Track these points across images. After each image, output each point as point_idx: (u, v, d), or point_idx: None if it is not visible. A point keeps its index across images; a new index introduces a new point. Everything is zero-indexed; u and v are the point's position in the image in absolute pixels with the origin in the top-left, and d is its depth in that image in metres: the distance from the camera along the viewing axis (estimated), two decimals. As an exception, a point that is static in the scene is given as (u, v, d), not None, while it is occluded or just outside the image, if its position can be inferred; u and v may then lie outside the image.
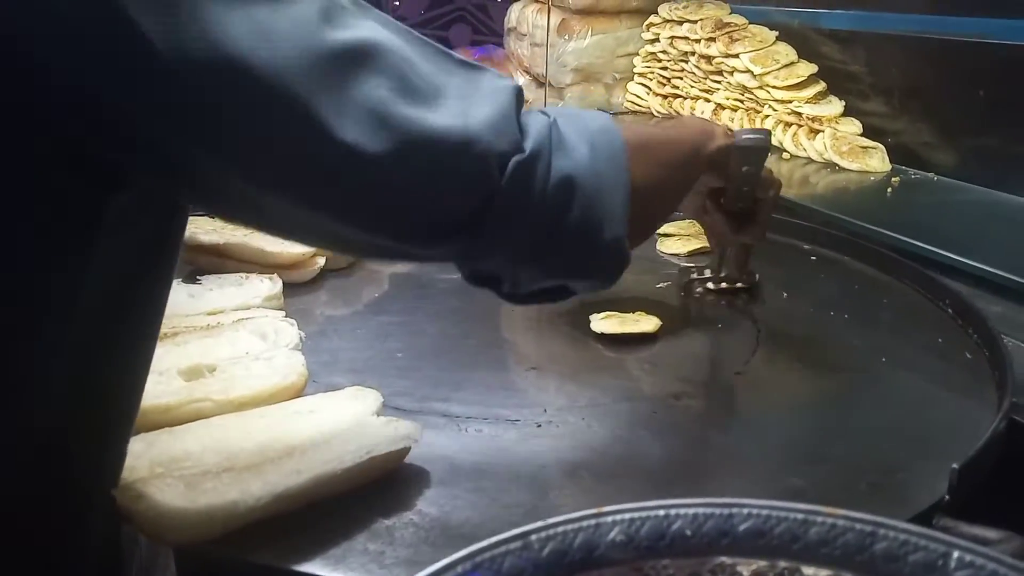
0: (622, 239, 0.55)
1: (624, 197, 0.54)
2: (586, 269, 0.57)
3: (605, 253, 0.55)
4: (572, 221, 0.52)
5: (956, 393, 0.75)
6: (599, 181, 0.53)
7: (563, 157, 0.52)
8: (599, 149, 0.54)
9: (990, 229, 1.03)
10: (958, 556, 0.33)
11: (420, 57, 0.49)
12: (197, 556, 0.56)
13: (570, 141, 0.53)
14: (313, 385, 0.70)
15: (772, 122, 1.35)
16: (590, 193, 0.52)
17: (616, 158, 0.55)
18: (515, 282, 0.56)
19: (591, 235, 0.53)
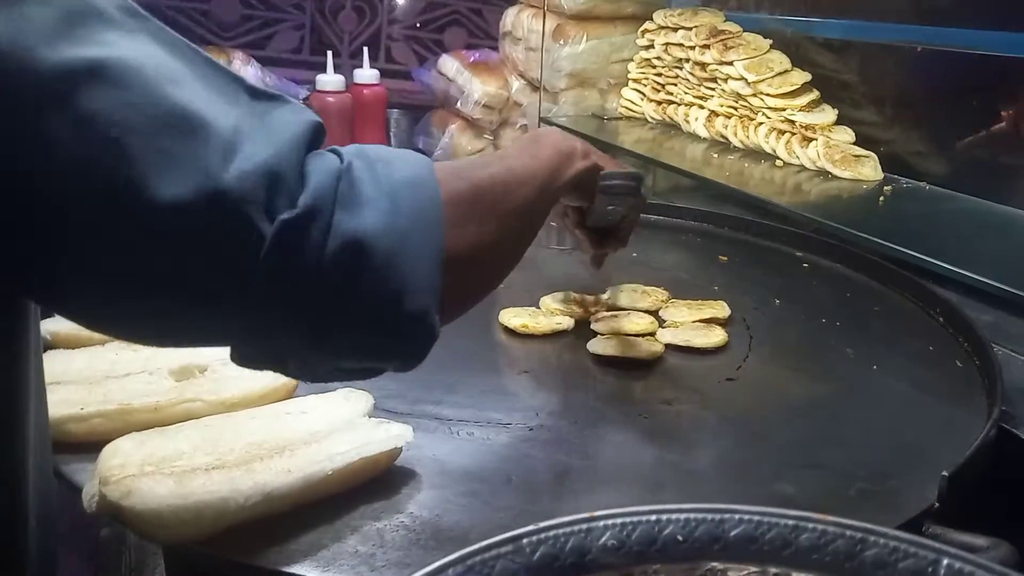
0: (428, 312, 0.46)
1: (433, 262, 0.45)
2: (382, 349, 0.48)
3: (405, 329, 0.46)
4: (362, 292, 0.43)
5: (946, 401, 0.75)
6: (399, 243, 0.44)
7: (351, 214, 0.42)
8: (403, 204, 0.45)
9: (981, 238, 1.03)
10: (947, 563, 0.33)
11: (199, 82, 0.41)
12: (186, 558, 0.56)
13: (365, 194, 0.43)
14: (304, 386, 0.70)
15: (766, 129, 1.36)
16: (385, 258, 0.43)
17: (426, 215, 0.46)
18: (304, 362, 0.47)
19: (386, 308, 0.44)
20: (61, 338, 0.74)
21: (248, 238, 0.40)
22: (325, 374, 0.49)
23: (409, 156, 0.49)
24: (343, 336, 0.45)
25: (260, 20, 2.02)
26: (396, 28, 2.08)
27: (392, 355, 0.49)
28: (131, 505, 0.51)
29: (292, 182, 0.41)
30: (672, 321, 0.88)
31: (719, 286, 1.00)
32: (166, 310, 0.42)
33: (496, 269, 0.56)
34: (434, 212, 0.46)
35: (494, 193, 0.53)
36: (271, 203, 0.40)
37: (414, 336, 0.47)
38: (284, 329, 0.43)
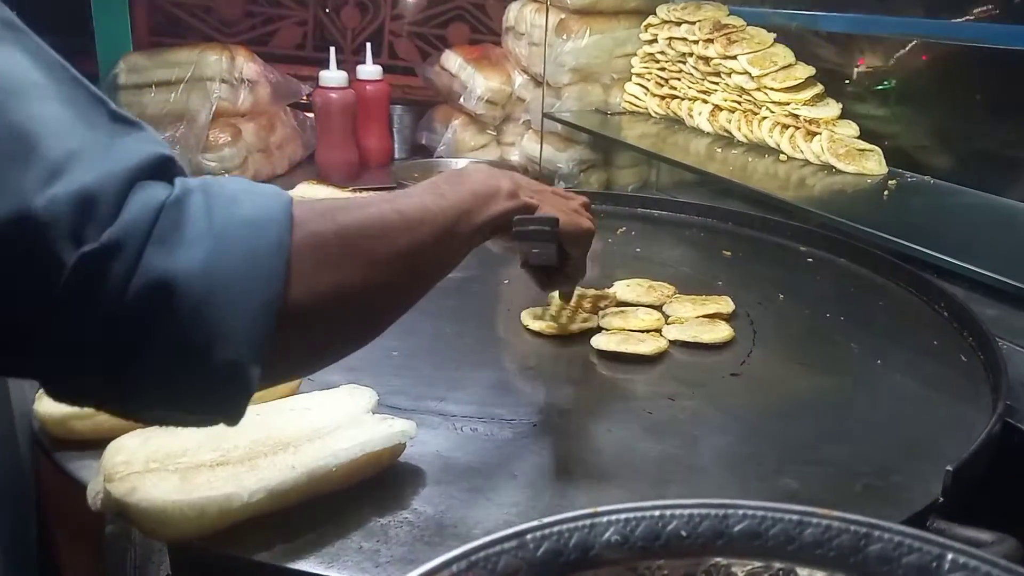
0: (241, 365, 0.41)
1: (259, 311, 0.41)
2: (188, 400, 0.43)
3: (213, 382, 0.42)
4: (164, 337, 0.40)
5: (951, 395, 0.75)
6: (216, 288, 0.40)
7: (166, 253, 0.39)
8: (232, 246, 0.41)
9: (986, 232, 1.03)
10: (952, 558, 0.33)
11: (57, 101, 0.40)
12: (191, 554, 0.56)
13: (189, 232, 0.40)
14: (308, 383, 0.70)
15: (769, 124, 1.35)
16: (196, 303, 0.39)
17: (260, 260, 0.42)
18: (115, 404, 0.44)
19: (191, 358, 0.40)
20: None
21: (49, 266, 0.37)
22: (147, 417, 0.46)
23: (265, 194, 0.45)
24: (143, 382, 0.41)
25: (263, 16, 2.02)
26: (399, 24, 2.07)
27: (200, 408, 0.44)
28: (136, 502, 0.51)
29: (106, 212, 0.38)
30: (676, 317, 0.88)
31: (723, 281, 1.00)
32: None
33: (368, 318, 0.51)
34: (273, 258, 0.42)
35: (368, 237, 0.49)
36: (79, 231, 0.37)
37: (223, 390, 0.42)
38: (82, 368, 0.40)
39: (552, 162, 1.67)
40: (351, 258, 0.48)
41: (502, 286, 1.03)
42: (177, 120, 1.53)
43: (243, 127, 1.58)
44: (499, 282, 1.04)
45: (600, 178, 1.71)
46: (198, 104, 1.54)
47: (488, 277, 1.06)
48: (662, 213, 1.29)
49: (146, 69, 1.57)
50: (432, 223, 0.54)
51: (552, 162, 1.67)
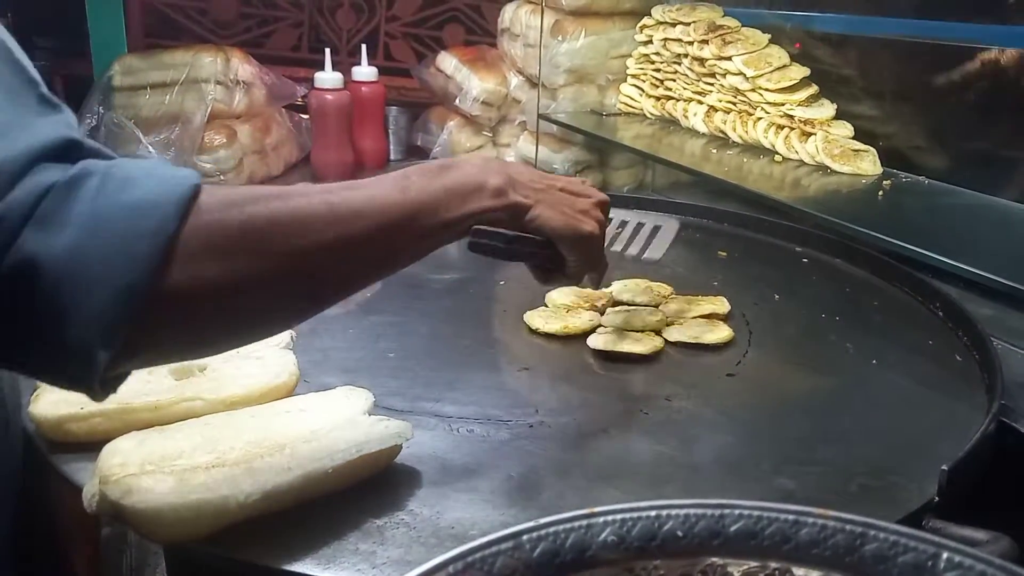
0: (89, 346, 0.42)
1: (115, 294, 0.42)
2: (43, 370, 0.46)
3: (59, 359, 0.43)
4: (25, 314, 0.42)
5: (946, 395, 0.75)
6: (75, 270, 0.41)
7: (43, 235, 0.41)
8: (104, 230, 0.42)
9: (981, 232, 1.03)
10: (947, 557, 0.33)
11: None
12: (187, 556, 0.56)
13: (68, 216, 0.41)
14: (304, 385, 0.70)
15: (764, 124, 1.36)
16: (54, 284, 0.41)
17: (130, 244, 0.42)
18: None
19: (46, 335, 0.42)
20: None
21: None
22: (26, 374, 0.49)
23: (166, 179, 0.45)
24: (12, 354, 0.44)
25: (258, 18, 2.01)
26: (394, 25, 2.07)
27: (61, 381, 0.46)
28: (131, 504, 0.51)
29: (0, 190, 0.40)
30: (674, 317, 0.88)
31: (719, 281, 1.00)
32: None
33: (272, 309, 0.50)
34: (144, 242, 0.43)
35: (279, 229, 0.48)
36: None
37: (70, 370, 0.44)
38: None
39: (548, 163, 1.67)
40: (252, 250, 0.47)
41: (499, 287, 1.03)
42: (172, 122, 1.53)
43: (238, 129, 1.58)
44: (496, 283, 1.04)
45: (596, 179, 1.71)
46: (193, 106, 1.54)
47: (485, 278, 1.06)
48: (658, 214, 1.29)
49: (141, 71, 1.56)
50: (376, 217, 0.53)
51: (548, 163, 1.67)
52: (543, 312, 0.89)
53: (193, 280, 0.44)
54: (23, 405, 0.65)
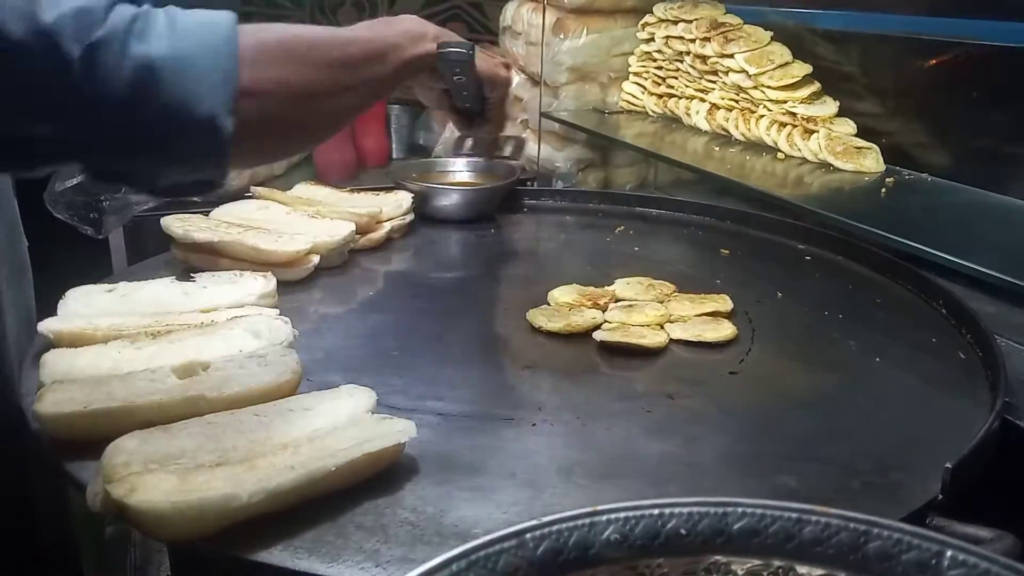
0: (215, 116, 0.56)
1: (221, 81, 0.56)
2: (180, 148, 0.57)
3: (196, 130, 0.56)
4: (157, 101, 0.54)
5: (949, 393, 0.75)
6: (184, 63, 0.54)
7: (141, 43, 0.53)
8: (189, 36, 0.55)
9: (984, 229, 1.03)
10: (951, 555, 0.33)
11: None
12: (191, 554, 0.56)
13: (156, 29, 0.54)
14: (307, 383, 0.70)
15: (767, 122, 1.35)
16: (172, 74, 0.54)
17: (214, 46, 0.56)
18: (142, 175, 0.59)
19: (178, 114, 0.55)
20: (64, 337, 0.74)
21: (62, 62, 0.51)
22: (165, 190, 0.61)
23: (216, 12, 0.58)
24: (149, 142, 0.56)
25: (260, 17, 2.01)
26: (396, 24, 2.08)
27: (194, 156, 0.58)
28: (135, 503, 0.51)
29: (97, 20, 0.52)
30: (677, 315, 0.88)
31: (721, 279, 1.00)
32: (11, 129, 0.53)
33: (312, 112, 0.65)
34: (224, 46, 0.56)
35: (305, 45, 0.64)
36: (80, 35, 0.51)
37: (207, 136, 0.56)
38: (99, 135, 0.54)
39: (550, 161, 1.67)
40: (292, 58, 0.63)
41: (501, 285, 1.03)
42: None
43: (241, 128, 1.58)
44: (498, 281, 1.04)
45: (598, 177, 1.71)
46: (195, 105, 1.54)
47: (487, 276, 1.06)
48: (660, 212, 1.29)
49: (143, 70, 1.56)
50: (362, 47, 0.70)
51: (550, 161, 1.67)
52: (546, 310, 0.89)
53: (257, 80, 0.58)
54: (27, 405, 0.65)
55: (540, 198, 1.34)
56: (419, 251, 1.14)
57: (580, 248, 1.16)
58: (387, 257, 1.10)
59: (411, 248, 1.14)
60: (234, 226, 1.00)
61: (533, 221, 1.27)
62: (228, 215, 1.06)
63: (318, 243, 0.99)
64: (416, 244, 1.15)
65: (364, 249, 1.09)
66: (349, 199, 1.17)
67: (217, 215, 1.05)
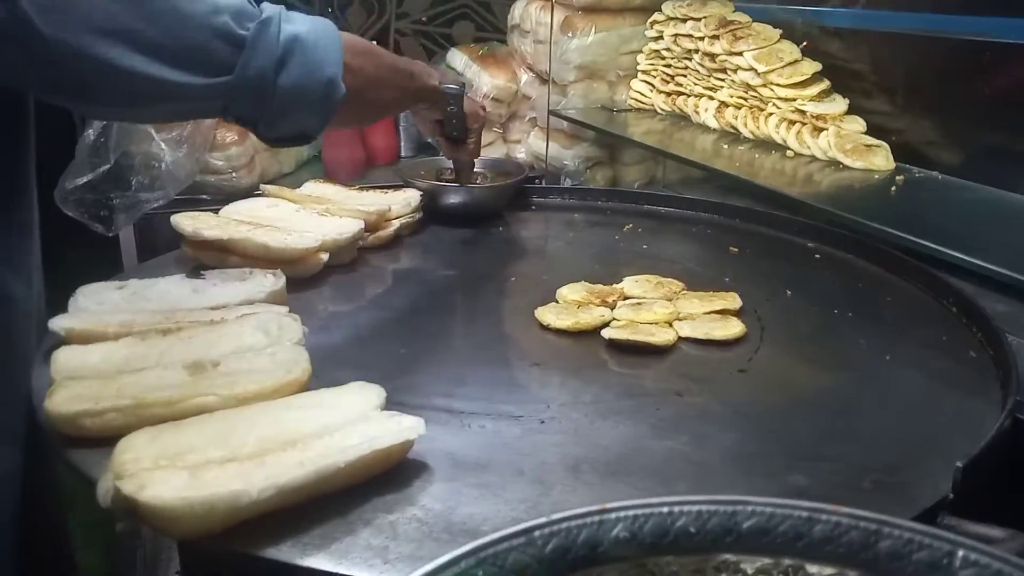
0: (336, 76, 0.79)
1: (337, 56, 0.79)
2: (313, 95, 0.78)
3: (324, 83, 0.79)
4: (299, 62, 0.76)
5: (960, 391, 0.75)
6: (317, 40, 0.78)
7: (290, 23, 0.76)
8: (317, 26, 0.79)
9: (994, 228, 1.02)
10: (963, 555, 0.33)
11: None
12: (200, 551, 0.56)
13: (296, 18, 0.78)
14: (316, 380, 0.70)
15: (776, 120, 1.35)
16: (311, 45, 0.77)
17: (331, 34, 0.80)
18: (268, 123, 0.78)
19: (314, 70, 0.78)
20: (76, 334, 0.74)
21: (234, 38, 0.73)
22: (277, 139, 0.82)
23: (322, 19, 0.82)
24: (292, 91, 0.76)
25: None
26: (404, 23, 2.08)
27: (316, 101, 0.79)
28: (145, 499, 0.51)
29: (254, 12, 0.75)
30: (687, 313, 0.88)
31: (730, 277, 1.00)
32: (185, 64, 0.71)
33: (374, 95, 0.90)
34: (334, 33, 0.81)
35: (379, 55, 0.92)
36: (242, 22, 0.73)
37: (328, 88, 0.79)
38: (258, 81, 0.74)
39: (558, 159, 1.67)
40: (369, 56, 0.89)
41: (509, 283, 1.03)
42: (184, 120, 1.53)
43: (249, 126, 1.58)
44: (506, 279, 1.04)
45: (606, 175, 1.71)
46: (205, 103, 1.54)
47: (495, 274, 1.06)
48: (669, 210, 1.28)
49: (153, 68, 1.57)
50: (401, 63, 0.97)
51: (558, 159, 1.67)
52: (554, 308, 0.89)
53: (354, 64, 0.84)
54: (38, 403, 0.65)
55: (548, 196, 1.34)
56: (428, 249, 1.14)
57: (588, 246, 1.16)
58: (396, 255, 1.10)
59: (420, 246, 1.14)
60: (244, 224, 1.00)
61: (541, 219, 1.27)
62: (238, 213, 1.06)
63: (327, 241, 0.99)
64: (425, 242, 1.15)
65: (373, 247, 1.09)
66: (358, 197, 1.17)
67: (227, 213, 1.06)
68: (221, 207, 1.07)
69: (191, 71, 0.71)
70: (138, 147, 1.40)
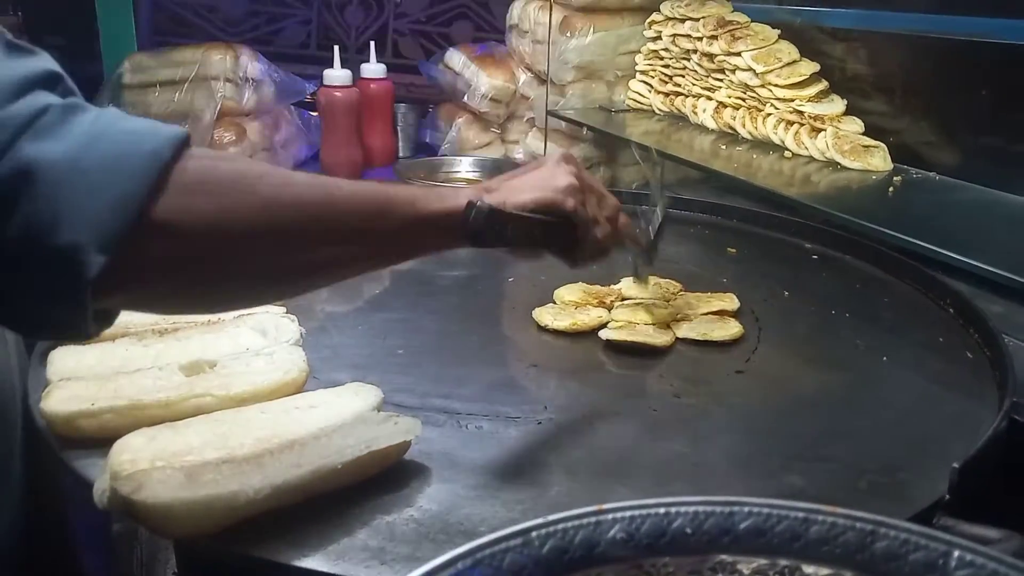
0: (79, 248, 0.43)
1: (113, 201, 0.44)
2: (27, 278, 0.45)
3: (51, 261, 0.44)
4: (19, 214, 0.43)
5: (957, 392, 0.75)
6: (73, 177, 0.43)
7: (36, 142, 0.43)
8: (104, 146, 0.45)
9: (991, 228, 1.02)
10: (958, 555, 0.33)
11: None
12: (197, 551, 0.56)
13: (69, 130, 0.44)
14: (313, 381, 0.70)
15: (774, 120, 1.35)
16: (51, 188, 0.43)
17: (129, 162, 0.45)
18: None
19: (39, 236, 0.43)
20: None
21: None
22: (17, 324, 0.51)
23: (170, 127, 0.48)
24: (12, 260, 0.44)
25: (267, 15, 2.02)
26: (403, 22, 2.08)
27: (31, 287, 0.45)
28: (142, 499, 0.51)
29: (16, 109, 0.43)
30: (683, 314, 0.88)
31: (728, 278, 1.00)
32: None
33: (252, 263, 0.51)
34: (143, 160, 0.45)
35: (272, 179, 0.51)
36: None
37: (64, 272, 0.44)
38: None
39: (556, 160, 1.67)
40: (241, 193, 0.49)
41: (507, 284, 1.03)
42: (182, 119, 1.53)
43: (247, 126, 1.59)
44: (504, 280, 1.04)
45: (604, 175, 1.71)
46: (203, 103, 1.54)
47: (493, 275, 1.06)
48: (667, 210, 1.28)
49: (150, 68, 1.57)
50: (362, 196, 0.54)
51: (556, 160, 1.67)
52: (552, 309, 0.89)
53: (183, 211, 0.46)
54: (34, 403, 0.65)
55: (546, 196, 1.33)
56: (425, 249, 1.14)
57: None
58: (393, 255, 1.10)
59: (417, 246, 1.14)
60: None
61: (539, 219, 1.27)
62: (235, 213, 1.06)
63: (324, 241, 0.99)
64: (422, 242, 1.15)
65: (370, 247, 1.08)
66: (355, 197, 1.17)
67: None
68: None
69: None
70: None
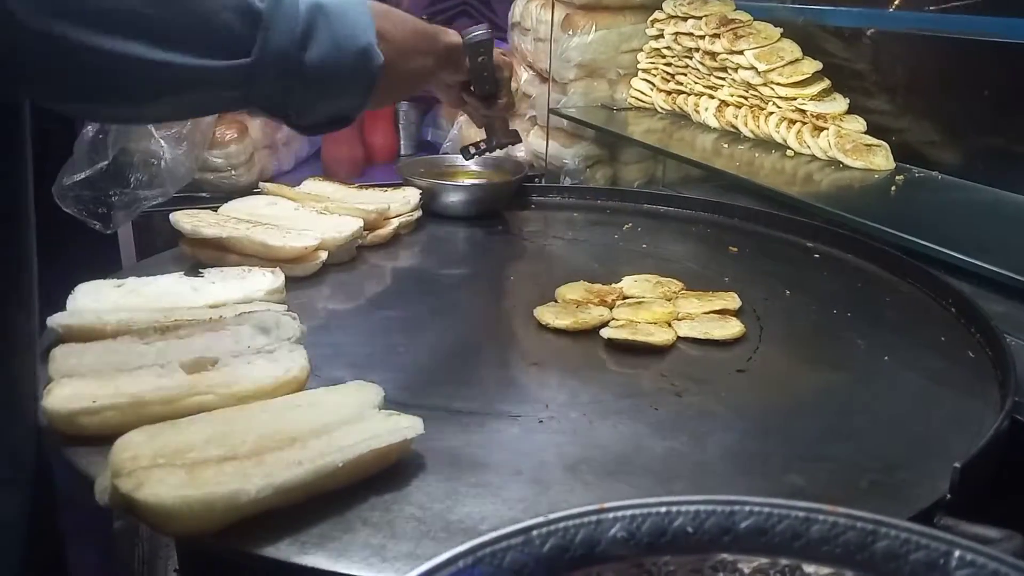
0: (371, 44, 0.70)
1: (368, 19, 0.71)
2: (346, 70, 0.69)
3: (358, 54, 0.69)
4: (326, 34, 0.66)
5: (958, 392, 0.75)
6: (344, 5, 0.68)
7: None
8: None
9: (994, 228, 1.02)
10: (959, 555, 0.33)
11: None
12: (198, 549, 0.56)
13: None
14: (315, 379, 0.70)
15: (776, 119, 1.35)
16: (337, 15, 0.67)
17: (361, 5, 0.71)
18: (298, 108, 0.69)
19: (344, 43, 0.68)
20: (74, 332, 0.74)
21: (249, 13, 0.62)
22: (311, 127, 0.72)
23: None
24: (322, 68, 0.67)
25: None
26: (404, 20, 2.07)
27: (350, 79, 0.70)
28: (143, 497, 0.51)
29: None
30: (685, 313, 0.88)
31: (729, 277, 1.00)
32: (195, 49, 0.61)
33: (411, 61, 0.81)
34: (363, 3, 0.71)
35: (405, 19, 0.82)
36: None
37: (363, 60, 0.70)
38: (279, 65, 0.64)
39: (558, 158, 1.67)
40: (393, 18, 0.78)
41: (508, 282, 1.03)
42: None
43: (249, 124, 1.58)
44: (505, 278, 1.04)
45: (606, 174, 1.71)
46: (204, 101, 1.54)
47: (494, 273, 1.06)
48: (668, 209, 1.28)
49: (152, 66, 1.57)
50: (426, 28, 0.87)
51: (558, 158, 1.67)
52: (553, 307, 0.89)
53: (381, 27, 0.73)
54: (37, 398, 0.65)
55: (548, 195, 1.34)
56: (427, 247, 1.14)
57: (588, 245, 1.16)
58: (395, 253, 1.10)
59: (419, 244, 1.14)
60: (243, 222, 1.00)
61: (541, 218, 1.27)
62: (236, 211, 1.06)
63: (326, 239, 0.99)
64: (424, 240, 1.15)
65: (372, 245, 1.09)
66: (357, 195, 1.17)
67: (226, 211, 1.06)
68: (220, 205, 1.07)
69: (203, 54, 0.60)
70: (137, 144, 1.40)
